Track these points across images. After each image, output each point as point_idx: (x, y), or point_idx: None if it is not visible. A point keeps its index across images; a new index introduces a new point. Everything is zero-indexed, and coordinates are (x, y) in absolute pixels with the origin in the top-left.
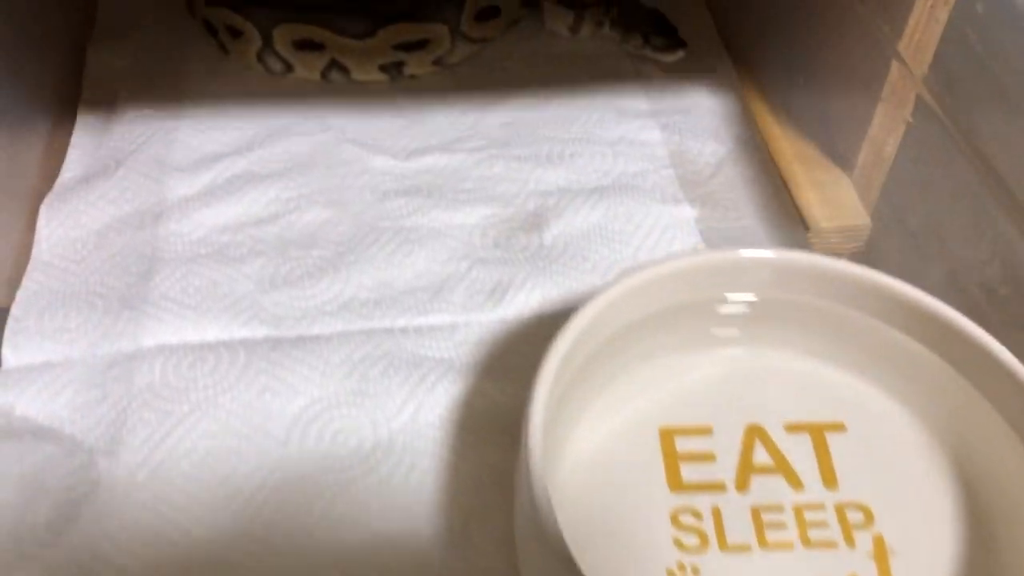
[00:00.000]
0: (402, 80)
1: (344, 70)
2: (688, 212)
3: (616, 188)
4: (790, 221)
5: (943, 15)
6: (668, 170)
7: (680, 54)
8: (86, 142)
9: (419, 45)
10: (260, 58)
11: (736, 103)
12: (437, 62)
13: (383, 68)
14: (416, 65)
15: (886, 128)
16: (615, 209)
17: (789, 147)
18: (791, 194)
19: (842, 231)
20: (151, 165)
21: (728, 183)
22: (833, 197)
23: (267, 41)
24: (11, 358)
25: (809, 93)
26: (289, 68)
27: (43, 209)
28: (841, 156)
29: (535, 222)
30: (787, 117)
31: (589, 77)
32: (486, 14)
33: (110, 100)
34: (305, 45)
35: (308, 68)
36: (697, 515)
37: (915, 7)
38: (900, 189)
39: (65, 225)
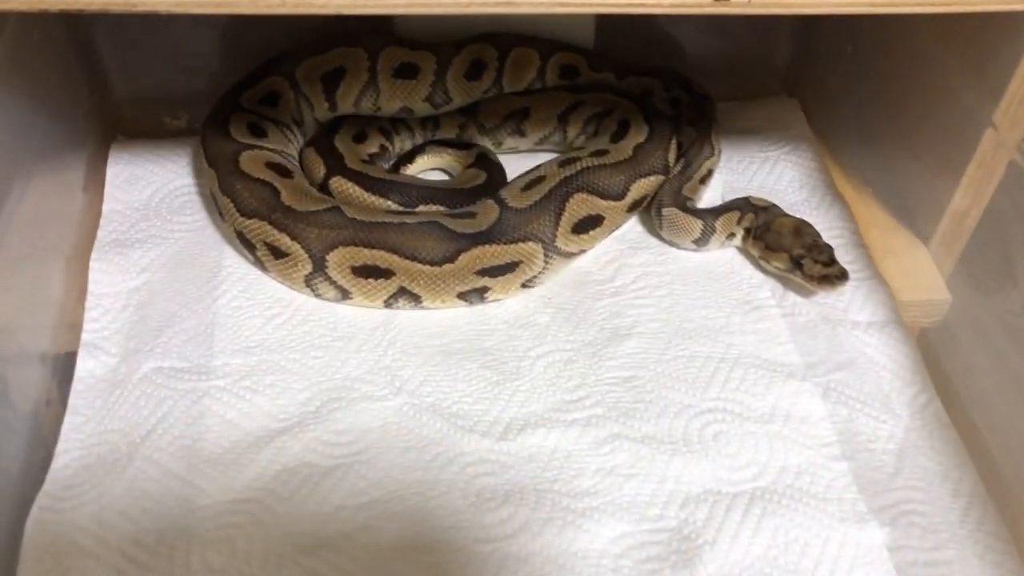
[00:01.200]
0: (483, 304)
1: (414, 298)
2: (877, 535)
3: (780, 493)
4: (1006, 555)
5: None
6: (840, 464)
7: (841, 288)
8: (87, 405)
9: (507, 268)
10: (309, 282)
11: (904, 349)
12: (527, 284)
13: (462, 295)
14: (502, 290)
15: (970, 198)
16: (785, 532)
17: (864, 212)
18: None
19: (922, 305)
20: (174, 454)
21: (916, 482)
22: (911, 268)
23: (319, 265)
24: None
25: (887, 158)
26: (345, 295)
27: (28, 531)
28: (918, 225)
29: (682, 551)
30: (862, 181)
31: (720, 306)
32: (587, 224)
33: (116, 341)
34: (368, 272)
35: (369, 296)
36: None
37: (1014, 77)
38: (980, 261)
39: (53, 560)
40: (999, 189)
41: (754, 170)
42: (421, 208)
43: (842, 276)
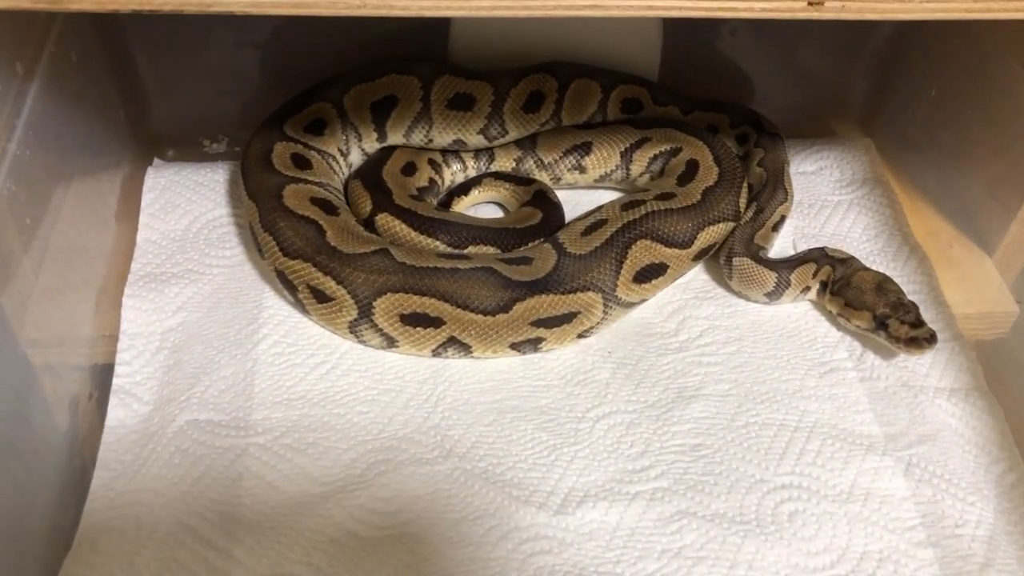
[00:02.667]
0: (537, 354)
1: (464, 347)
2: None
3: None
4: None
5: None
6: (926, 551)
7: (930, 351)
8: (118, 459)
9: (564, 319)
10: (353, 329)
11: (989, 421)
12: (583, 334)
13: (515, 346)
14: (557, 341)
15: None
16: None
17: (921, 222)
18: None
19: (985, 317)
20: (210, 520)
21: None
22: (973, 278)
23: (365, 312)
24: None
25: (948, 167)
26: (391, 343)
27: None
28: (981, 234)
29: None
30: (919, 190)
31: (793, 368)
32: (649, 273)
33: (149, 388)
34: (417, 320)
35: (417, 345)
36: None
37: None
38: None
39: None
40: None
41: (826, 215)
42: (471, 249)
43: (931, 339)
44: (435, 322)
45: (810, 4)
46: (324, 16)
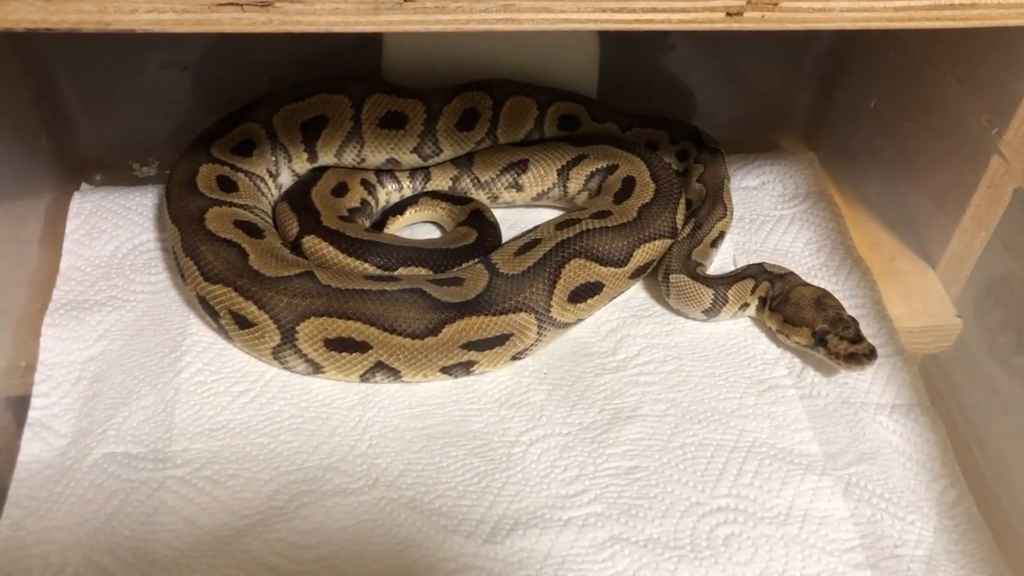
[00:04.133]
0: (469, 377)
1: (393, 372)
2: None
3: None
4: None
5: None
6: (864, 573)
7: (869, 367)
8: (30, 496)
9: (496, 341)
10: (277, 355)
11: (931, 437)
12: (517, 356)
13: (446, 370)
14: (489, 363)
15: (978, 221)
16: None
17: (864, 235)
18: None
19: (929, 331)
20: (122, 557)
21: None
22: (917, 291)
23: (288, 337)
24: None
25: (890, 179)
26: (317, 369)
27: None
28: (924, 246)
29: None
30: (862, 202)
31: (732, 386)
32: (584, 293)
33: (67, 420)
34: (342, 345)
35: (344, 371)
36: None
37: (1022, 103)
38: (986, 284)
39: None
40: (1008, 210)
41: (768, 230)
42: (402, 270)
43: (871, 355)
44: (361, 346)
45: (729, 15)
46: (232, 33)
